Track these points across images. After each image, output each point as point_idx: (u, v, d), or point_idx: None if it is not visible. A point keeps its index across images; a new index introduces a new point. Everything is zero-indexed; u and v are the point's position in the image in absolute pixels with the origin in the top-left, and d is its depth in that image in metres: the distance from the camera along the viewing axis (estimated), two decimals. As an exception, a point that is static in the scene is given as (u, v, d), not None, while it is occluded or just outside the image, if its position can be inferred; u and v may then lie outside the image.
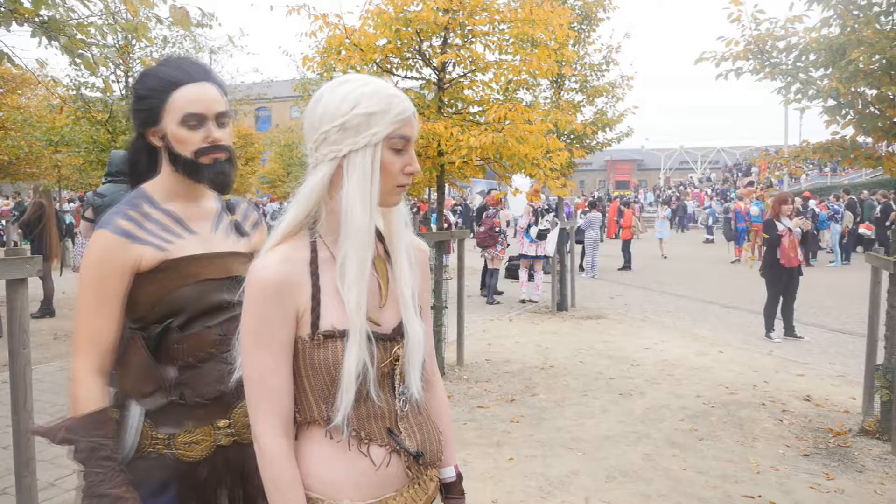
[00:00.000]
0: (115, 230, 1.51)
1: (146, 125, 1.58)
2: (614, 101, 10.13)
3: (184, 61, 1.61)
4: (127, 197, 1.61)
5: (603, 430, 4.82)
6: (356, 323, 1.24)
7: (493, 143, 5.23)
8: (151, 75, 1.57)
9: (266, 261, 1.23)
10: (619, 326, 8.89)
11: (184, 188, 1.63)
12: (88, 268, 1.51)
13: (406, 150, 1.27)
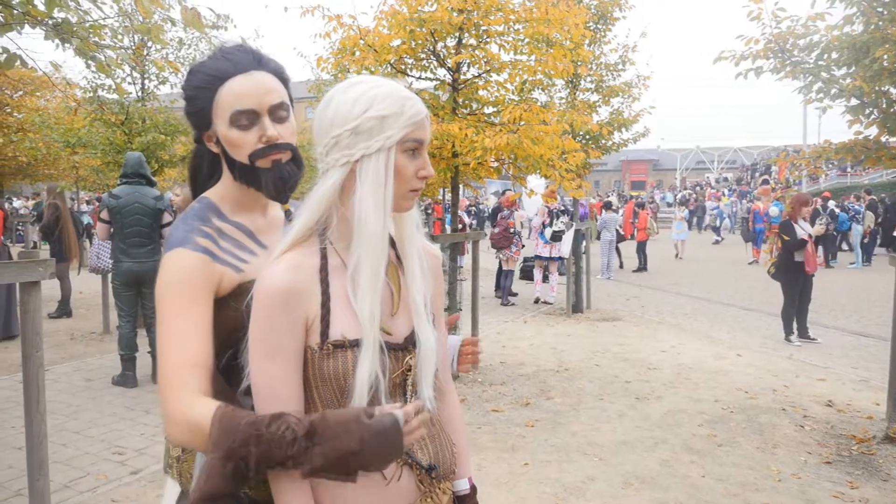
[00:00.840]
0: (197, 248, 1.29)
1: (200, 129, 1.40)
2: (630, 101, 10.05)
3: (232, 50, 1.37)
4: (193, 209, 1.39)
5: (619, 435, 4.75)
6: (369, 333, 1.20)
7: (508, 144, 5.18)
8: (196, 72, 1.36)
9: (274, 268, 1.20)
10: (635, 329, 8.80)
11: (249, 197, 1.42)
12: (175, 292, 1.25)
13: (419, 154, 1.24)
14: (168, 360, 1.21)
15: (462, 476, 1.46)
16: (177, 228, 1.33)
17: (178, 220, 1.36)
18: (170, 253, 1.28)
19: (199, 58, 1.71)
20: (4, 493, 3.78)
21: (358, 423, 1.09)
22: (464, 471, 1.47)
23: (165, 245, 1.33)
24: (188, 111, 1.38)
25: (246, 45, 1.39)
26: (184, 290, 1.25)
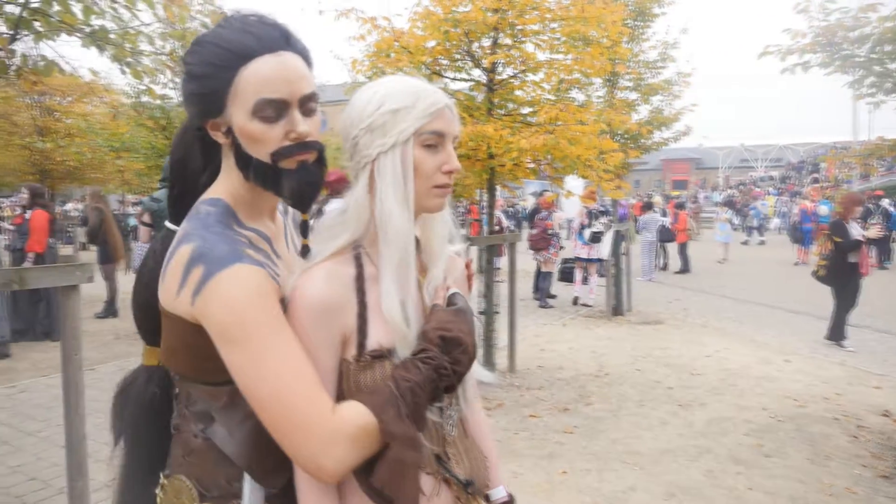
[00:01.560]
0: (254, 262, 1.07)
1: (204, 115, 1.14)
2: (671, 98, 9.83)
3: (254, 22, 1.13)
4: (210, 213, 1.14)
5: (661, 444, 4.61)
6: (401, 334, 1.16)
7: (545, 144, 5.08)
8: (209, 44, 1.11)
9: (311, 278, 1.14)
10: (677, 332, 8.58)
11: (261, 200, 1.22)
12: (259, 312, 1.03)
13: (441, 147, 1.18)
14: (290, 385, 1.01)
15: (497, 484, 1.41)
16: (206, 240, 1.07)
17: (197, 227, 1.11)
18: (226, 272, 1.02)
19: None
20: (49, 491, 3.85)
21: (457, 316, 1.18)
22: (498, 478, 1.42)
23: (199, 260, 1.05)
24: (193, 91, 1.13)
25: (269, 16, 1.15)
26: (268, 307, 1.04)
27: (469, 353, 1.18)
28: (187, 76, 1.14)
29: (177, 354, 1.15)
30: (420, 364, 1.12)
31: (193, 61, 1.12)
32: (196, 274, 1.04)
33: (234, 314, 1.01)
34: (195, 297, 1.03)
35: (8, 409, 5.24)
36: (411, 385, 1.09)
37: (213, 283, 1.02)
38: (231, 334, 1.01)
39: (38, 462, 4.21)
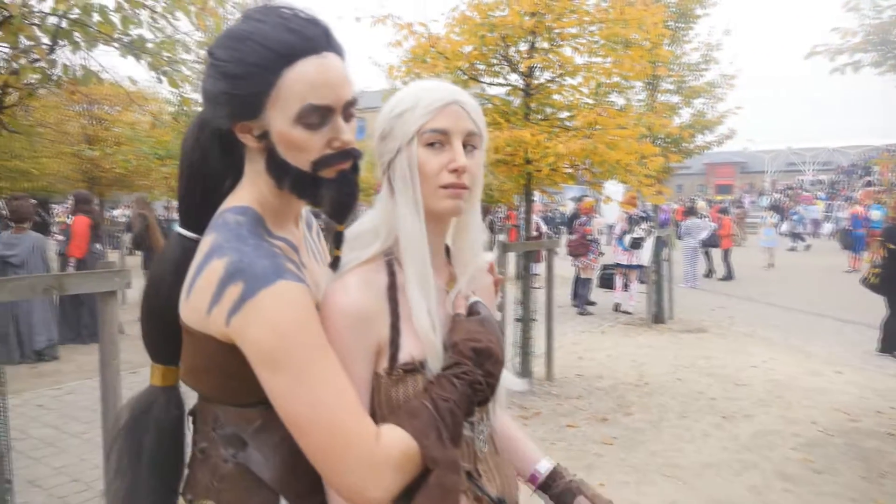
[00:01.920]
0: (295, 277, 1.00)
1: (235, 118, 1.05)
2: (714, 101, 9.62)
3: (293, 17, 1.03)
4: (240, 223, 1.06)
5: (704, 457, 4.46)
6: (430, 344, 1.12)
7: (583, 149, 5.00)
8: (249, 41, 1.01)
9: (345, 286, 1.11)
10: (721, 341, 8.34)
11: (289, 207, 1.16)
12: (306, 337, 0.98)
13: (447, 145, 1.13)
14: (335, 412, 0.97)
15: (539, 458, 1.38)
16: (243, 253, 0.99)
17: (230, 239, 1.02)
18: (269, 290, 0.95)
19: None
20: (90, 493, 3.91)
21: (483, 326, 1.15)
22: (538, 453, 1.40)
23: (237, 276, 0.97)
24: (225, 91, 1.03)
25: (308, 11, 1.05)
26: (313, 328, 0.99)
27: (500, 364, 1.16)
28: (218, 74, 1.03)
29: (203, 375, 1.10)
30: (456, 380, 1.08)
31: (228, 59, 1.02)
32: (234, 291, 0.96)
33: (280, 337, 0.95)
34: (231, 316, 0.96)
35: (55, 411, 5.37)
36: (450, 406, 1.06)
37: (254, 303, 0.95)
38: (275, 358, 0.95)
39: (82, 464, 4.29)
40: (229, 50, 1.02)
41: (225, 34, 1.05)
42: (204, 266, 1.01)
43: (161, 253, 1.20)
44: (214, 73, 1.04)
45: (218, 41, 1.06)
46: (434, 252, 1.21)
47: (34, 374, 6.55)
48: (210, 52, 1.07)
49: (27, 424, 5.02)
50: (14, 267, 6.55)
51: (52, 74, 2.40)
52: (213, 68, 1.05)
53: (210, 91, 1.06)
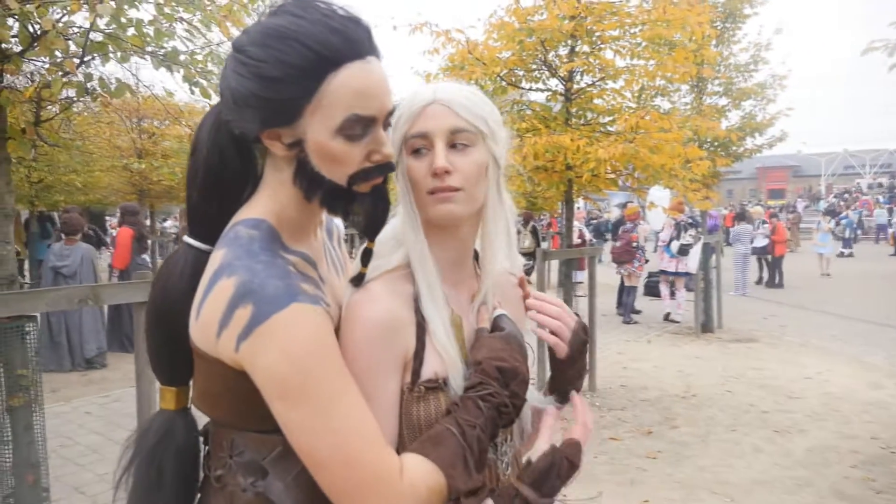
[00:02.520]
0: (311, 299, 0.92)
1: (266, 123, 0.95)
2: (764, 103, 9.31)
3: (335, 14, 0.94)
4: (254, 238, 0.97)
5: (755, 474, 4.26)
6: (455, 364, 1.07)
7: (624, 154, 4.87)
8: (289, 39, 0.90)
9: (372, 294, 1.06)
10: (773, 351, 8.01)
11: (310, 218, 1.07)
12: (324, 365, 0.91)
13: (430, 149, 1.08)
14: (356, 446, 0.90)
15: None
16: (254, 272, 0.91)
17: (240, 255, 0.94)
18: (282, 315, 0.87)
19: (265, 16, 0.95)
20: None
21: (508, 343, 1.09)
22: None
23: (247, 297, 0.89)
24: (259, 94, 0.92)
25: (347, 8, 0.96)
26: (331, 356, 0.92)
27: (526, 384, 1.09)
28: (250, 74, 0.92)
29: (217, 400, 1.03)
30: (482, 403, 1.02)
31: (265, 58, 0.91)
32: (243, 315, 0.88)
33: (295, 367, 0.87)
34: (241, 342, 0.89)
35: (102, 419, 5.49)
36: (477, 433, 1.00)
37: (266, 328, 0.87)
38: (288, 390, 0.88)
39: (124, 470, 4.36)
40: (266, 48, 0.91)
41: (259, 29, 0.93)
42: (213, 285, 0.93)
43: (167, 266, 1.09)
44: (245, 72, 0.93)
45: (251, 36, 0.94)
46: (451, 262, 1.16)
47: (84, 381, 6.73)
48: (240, 48, 0.94)
49: (75, 431, 5.14)
50: (65, 277, 6.76)
51: (90, 88, 2.44)
52: (243, 66, 0.93)
53: (237, 91, 0.94)
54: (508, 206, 1.21)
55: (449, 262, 1.16)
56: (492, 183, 1.14)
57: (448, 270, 1.16)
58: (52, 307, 2.34)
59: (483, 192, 1.12)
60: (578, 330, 1.17)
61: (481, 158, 1.10)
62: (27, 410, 2.37)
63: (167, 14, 2.59)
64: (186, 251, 1.07)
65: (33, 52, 2.20)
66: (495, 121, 1.13)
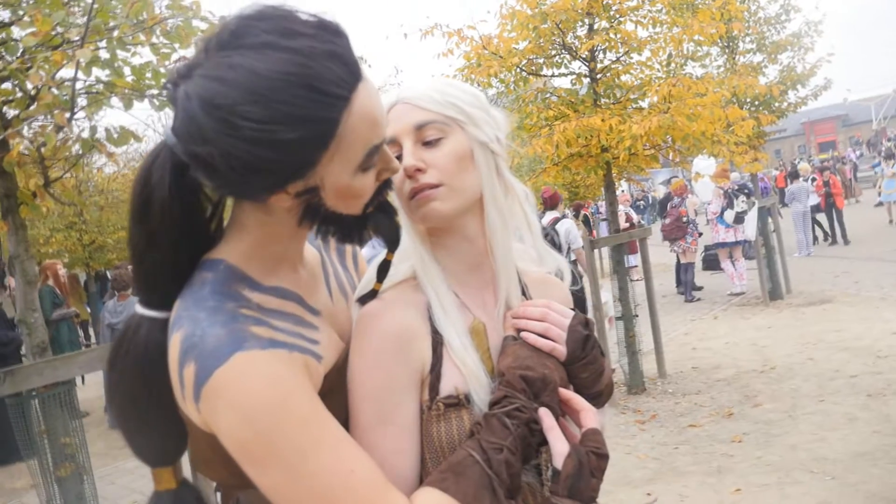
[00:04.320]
0: (260, 343, 0.79)
1: (279, 187, 0.80)
2: (802, 53, 8.83)
3: (322, 32, 0.78)
4: (203, 284, 0.84)
5: (853, 445, 3.93)
6: (476, 377, 0.96)
7: (660, 126, 4.61)
8: (293, 86, 0.73)
9: (383, 305, 0.98)
10: (851, 310, 7.52)
11: (292, 248, 0.95)
12: (283, 418, 0.77)
13: (401, 153, 1.00)
14: (348, 496, 0.78)
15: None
16: (196, 322, 0.79)
17: (188, 305, 0.82)
18: (224, 369, 0.75)
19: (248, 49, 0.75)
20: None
21: (537, 349, 0.99)
22: None
23: (189, 354, 0.78)
24: (268, 158, 0.74)
25: (329, 18, 0.80)
26: (291, 403, 0.78)
27: (559, 393, 0.97)
28: (259, 140, 0.73)
29: (212, 464, 0.90)
30: (508, 420, 0.90)
31: (277, 118, 0.72)
32: (189, 375, 0.77)
33: (252, 429, 0.75)
34: (197, 404, 0.78)
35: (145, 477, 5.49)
36: (505, 456, 0.87)
37: (211, 388, 0.76)
38: (253, 455, 0.77)
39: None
40: (271, 105, 0.72)
41: (246, 77, 0.72)
42: (169, 342, 0.82)
43: (126, 346, 0.88)
44: (247, 136, 0.73)
45: (233, 87, 0.72)
46: (466, 266, 1.06)
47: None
48: (226, 107, 0.72)
49: (119, 494, 5.15)
50: (121, 333, 6.84)
51: (96, 140, 2.40)
52: (240, 130, 0.72)
53: (237, 159, 0.74)
54: (520, 191, 1.10)
55: (464, 266, 1.06)
56: (485, 169, 1.03)
57: (465, 274, 1.06)
58: (87, 369, 2.28)
59: (472, 182, 1.01)
60: (575, 326, 1.02)
61: (459, 147, 1.00)
62: (76, 479, 2.31)
63: (163, 54, 2.53)
64: (145, 325, 0.87)
65: (31, 111, 2.16)
66: (474, 104, 1.03)
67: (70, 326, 7.95)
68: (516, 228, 1.13)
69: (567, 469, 0.89)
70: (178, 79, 0.77)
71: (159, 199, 0.83)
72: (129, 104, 2.43)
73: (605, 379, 1.07)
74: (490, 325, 1.04)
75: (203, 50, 0.77)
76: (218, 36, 0.77)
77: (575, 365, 1.01)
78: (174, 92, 0.78)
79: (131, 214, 0.85)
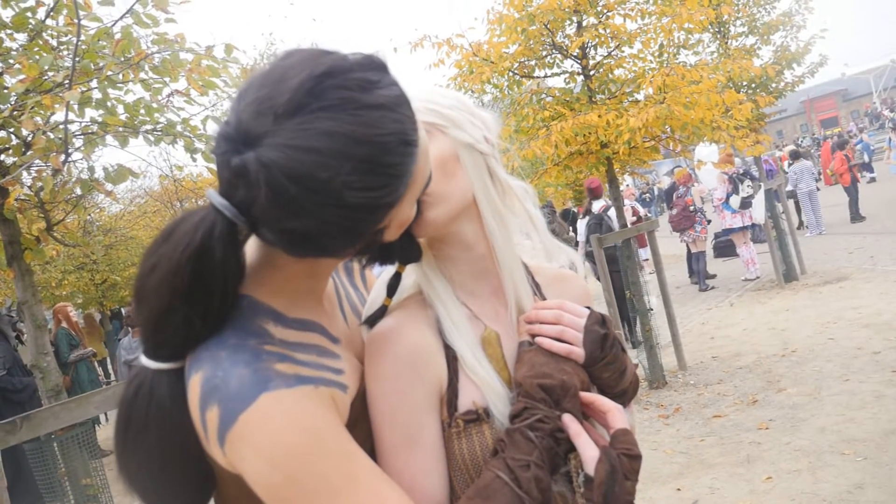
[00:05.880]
0: (287, 381, 0.76)
1: (362, 240, 0.79)
2: (795, 31, 8.75)
3: (384, 80, 0.76)
4: (226, 322, 0.81)
5: (883, 423, 3.86)
6: (486, 385, 0.94)
7: (657, 117, 4.59)
8: (389, 148, 0.73)
9: (393, 326, 0.95)
10: (868, 286, 7.41)
11: (319, 279, 0.94)
12: (305, 468, 0.74)
13: None
14: None
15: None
16: (217, 362, 0.76)
17: (209, 345, 0.79)
18: (251, 412, 0.72)
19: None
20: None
21: (552, 355, 0.96)
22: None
23: (212, 396, 0.75)
24: (365, 223, 0.76)
25: (379, 59, 0.78)
26: (322, 443, 0.75)
27: (581, 397, 0.94)
28: (354, 208, 0.72)
29: (239, 502, 0.88)
30: (531, 433, 0.87)
31: (372, 184, 0.72)
32: (213, 419, 0.75)
33: (281, 473, 0.73)
34: (222, 447, 0.76)
35: None
36: (533, 472, 0.84)
37: (237, 433, 0.73)
38: (283, 497, 0.74)
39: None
40: (372, 171, 0.71)
41: (346, 148, 0.69)
42: (188, 381, 0.79)
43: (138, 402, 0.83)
44: (352, 205, 0.71)
45: (338, 161, 0.69)
46: (471, 274, 1.04)
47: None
48: (333, 182, 0.69)
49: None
50: (138, 369, 6.86)
51: (93, 180, 2.41)
52: (345, 201, 0.71)
53: (337, 226, 0.73)
54: (518, 189, 1.07)
55: (468, 275, 1.03)
56: (473, 171, 1.00)
57: (472, 283, 1.03)
58: (103, 409, 2.27)
59: (460, 186, 0.98)
60: (591, 326, 0.98)
61: (441, 153, 0.97)
62: (99, 520, 2.30)
63: (155, 89, 2.54)
64: (163, 380, 0.82)
65: (27, 157, 2.17)
66: (455, 107, 1.00)
67: (89, 367, 7.99)
68: (520, 227, 1.11)
69: (600, 475, 0.86)
70: (239, 146, 0.70)
71: (222, 275, 0.78)
72: (125, 142, 2.44)
73: (629, 376, 1.03)
74: (504, 333, 1.02)
75: (268, 114, 0.69)
76: (286, 100, 0.69)
77: (595, 366, 0.98)
78: (232, 160, 0.70)
79: (170, 281, 0.75)
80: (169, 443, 0.81)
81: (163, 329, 0.79)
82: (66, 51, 2.60)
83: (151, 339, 0.81)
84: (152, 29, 2.46)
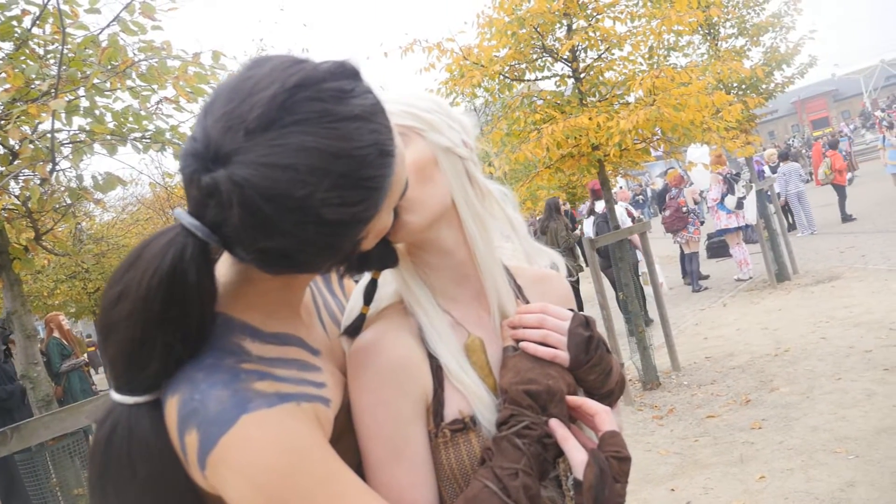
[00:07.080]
0: (267, 401, 0.75)
1: (344, 255, 0.79)
2: (784, 32, 8.81)
3: (356, 88, 0.73)
4: (208, 344, 0.79)
5: (874, 422, 3.88)
6: (471, 392, 0.93)
7: (648, 119, 4.60)
8: (369, 161, 0.72)
9: (373, 338, 0.93)
10: (860, 284, 7.45)
11: (302, 291, 0.93)
12: (289, 490, 0.72)
13: None
14: None
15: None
16: (194, 384, 0.74)
17: (185, 367, 0.76)
18: (231, 435, 0.70)
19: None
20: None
21: (537, 360, 0.96)
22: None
23: (190, 420, 0.73)
24: (346, 238, 0.75)
25: (352, 65, 0.76)
26: (305, 463, 0.73)
27: (567, 401, 0.93)
28: (333, 224, 0.71)
29: None
30: (518, 440, 0.87)
31: (350, 200, 0.70)
32: (192, 443, 0.72)
33: (262, 492, 0.71)
34: (203, 472, 0.73)
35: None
36: (521, 480, 0.84)
37: (217, 457, 0.71)
38: None
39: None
40: (352, 186, 0.70)
41: (323, 164, 0.67)
42: (164, 404, 0.76)
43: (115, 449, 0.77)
44: (331, 222, 0.70)
45: (315, 178, 0.67)
46: (451, 280, 1.02)
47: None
48: (310, 200, 0.67)
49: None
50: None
51: (82, 188, 2.40)
52: (323, 217, 0.69)
53: (314, 245, 0.72)
54: (496, 192, 1.06)
55: (449, 281, 1.02)
56: (452, 175, 0.98)
57: (453, 289, 1.02)
58: (94, 418, 2.25)
59: (438, 190, 0.96)
60: (575, 328, 0.97)
61: (419, 157, 0.95)
62: (90, 530, 2.27)
63: (143, 97, 2.53)
64: (142, 416, 0.77)
65: (13, 167, 2.17)
66: (432, 110, 0.98)
67: (81, 376, 7.94)
68: (500, 230, 1.11)
69: (589, 479, 0.85)
70: (209, 163, 0.67)
71: (198, 297, 0.75)
72: (113, 150, 2.43)
73: (615, 376, 1.02)
74: (488, 338, 1.01)
75: (238, 130, 0.66)
76: (257, 114, 0.66)
77: (581, 369, 0.97)
78: (202, 178, 0.67)
79: (141, 309, 0.71)
80: (161, 480, 0.76)
81: (140, 361, 0.74)
82: (53, 59, 2.60)
83: (125, 374, 0.75)
84: (139, 36, 2.46)
